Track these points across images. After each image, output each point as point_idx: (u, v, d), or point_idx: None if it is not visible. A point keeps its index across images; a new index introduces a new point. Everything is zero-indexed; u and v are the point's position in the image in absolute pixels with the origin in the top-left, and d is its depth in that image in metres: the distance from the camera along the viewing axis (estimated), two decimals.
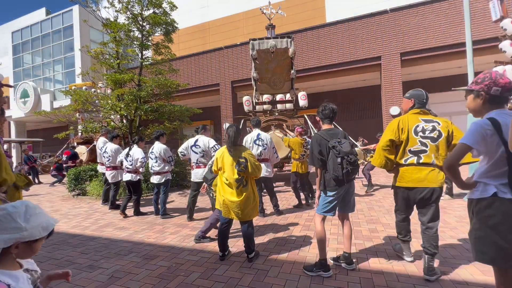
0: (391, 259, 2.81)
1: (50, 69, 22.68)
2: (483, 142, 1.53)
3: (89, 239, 3.98)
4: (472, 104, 1.70)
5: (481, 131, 1.53)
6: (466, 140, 1.57)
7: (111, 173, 5.85)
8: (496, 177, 1.53)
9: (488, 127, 1.52)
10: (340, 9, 15.85)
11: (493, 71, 1.65)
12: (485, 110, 1.65)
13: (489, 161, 1.57)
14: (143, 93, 8.01)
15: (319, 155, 2.58)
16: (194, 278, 2.60)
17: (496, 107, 1.62)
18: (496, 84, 1.58)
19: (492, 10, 6.43)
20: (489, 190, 1.53)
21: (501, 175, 1.52)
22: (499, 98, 1.61)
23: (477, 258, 1.59)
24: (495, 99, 1.61)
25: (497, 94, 1.59)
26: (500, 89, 1.58)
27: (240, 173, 2.84)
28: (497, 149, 1.51)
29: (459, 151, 1.60)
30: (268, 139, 4.78)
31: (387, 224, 3.99)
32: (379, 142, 2.65)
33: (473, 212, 1.64)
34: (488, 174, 1.57)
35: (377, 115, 14.04)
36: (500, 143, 1.50)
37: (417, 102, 2.55)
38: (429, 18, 11.19)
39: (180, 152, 4.71)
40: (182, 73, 13.94)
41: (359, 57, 12.21)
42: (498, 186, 1.51)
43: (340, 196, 2.60)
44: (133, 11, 8.35)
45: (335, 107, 2.73)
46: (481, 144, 1.54)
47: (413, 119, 2.48)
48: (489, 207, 1.52)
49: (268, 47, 7.60)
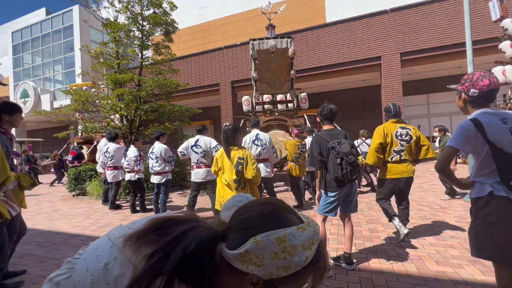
0: (391, 259, 2.82)
1: (50, 69, 22.70)
2: (468, 143, 1.58)
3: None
4: (458, 103, 1.77)
5: (465, 133, 1.58)
6: (451, 143, 1.63)
7: (112, 173, 5.86)
8: (489, 175, 1.57)
9: (471, 128, 1.57)
10: (340, 9, 15.86)
11: (477, 71, 1.68)
12: (470, 110, 1.70)
13: (477, 161, 1.62)
14: (143, 93, 8.01)
15: (319, 156, 2.58)
16: None
17: (479, 107, 1.65)
18: (474, 86, 1.63)
19: (492, 10, 6.44)
20: (485, 189, 1.57)
21: (493, 173, 1.56)
22: (478, 100, 1.64)
23: (476, 254, 1.61)
24: (476, 101, 1.65)
25: (474, 96, 1.64)
26: (477, 91, 1.62)
27: (238, 173, 2.83)
28: (482, 148, 1.56)
29: (447, 154, 1.66)
30: (267, 139, 4.76)
31: (387, 224, 3.99)
32: (371, 145, 3.20)
33: (471, 210, 1.68)
34: (480, 173, 1.62)
35: (377, 115, 14.05)
36: (485, 142, 1.54)
37: (387, 115, 3.28)
38: (429, 18, 11.19)
39: (180, 152, 4.70)
40: (182, 73, 13.94)
41: (359, 57, 12.21)
42: (493, 184, 1.55)
43: (342, 196, 2.60)
44: (133, 11, 8.36)
45: (334, 107, 2.72)
46: (466, 145, 1.59)
47: (392, 126, 3.17)
48: (487, 206, 1.56)
49: (268, 47, 7.60)
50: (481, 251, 1.58)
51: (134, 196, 5.56)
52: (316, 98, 12.49)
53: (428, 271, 2.53)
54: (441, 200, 5.24)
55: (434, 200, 5.34)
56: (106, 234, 0.62)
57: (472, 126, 1.57)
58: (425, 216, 4.28)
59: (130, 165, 5.26)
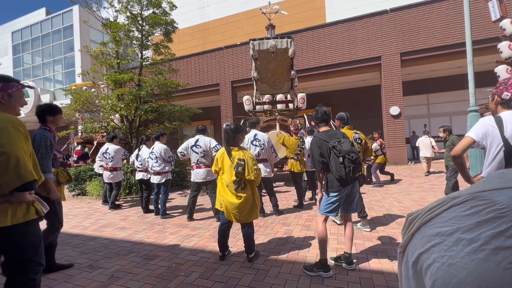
0: (391, 259, 2.81)
1: (50, 69, 22.69)
2: (486, 137, 1.71)
3: (89, 239, 3.98)
4: (491, 105, 1.89)
5: (485, 126, 1.71)
6: (470, 134, 1.77)
7: (111, 174, 5.86)
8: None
9: (491, 123, 1.70)
10: (340, 9, 15.86)
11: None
12: (499, 111, 1.80)
13: (490, 157, 1.73)
14: (143, 93, 8.01)
15: (320, 157, 2.58)
16: (194, 278, 2.60)
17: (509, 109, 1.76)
18: (508, 89, 1.75)
19: (492, 10, 6.44)
20: None
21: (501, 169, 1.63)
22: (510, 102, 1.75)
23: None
24: (507, 103, 1.77)
25: (506, 98, 1.75)
26: (510, 94, 1.74)
27: (238, 174, 2.83)
28: (497, 144, 1.67)
29: (464, 143, 1.79)
30: (266, 139, 4.75)
31: (387, 224, 3.99)
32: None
33: None
34: (490, 169, 1.72)
35: (377, 115, 14.04)
36: (500, 138, 1.66)
37: (342, 122, 3.63)
38: (429, 18, 11.19)
39: (180, 152, 4.70)
40: (182, 73, 13.94)
41: (359, 57, 12.21)
42: None
43: (343, 196, 2.60)
44: (133, 11, 8.35)
45: (327, 109, 2.80)
46: (484, 138, 1.71)
47: (349, 132, 3.53)
48: None
49: (268, 47, 7.59)
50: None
51: (147, 194, 5.51)
52: (316, 98, 12.50)
53: None
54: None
55: (434, 200, 5.33)
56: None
57: (493, 122, 1.71)
58: None
59: (143, 165, 5.35)
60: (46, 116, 2.65)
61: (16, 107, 1.86)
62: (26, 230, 1.72)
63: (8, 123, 1.65)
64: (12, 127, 1.65)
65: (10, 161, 1.57)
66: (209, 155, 4.48)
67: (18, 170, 1.59)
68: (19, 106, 1.88)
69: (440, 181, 7.30)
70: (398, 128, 11.68)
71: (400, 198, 5.65)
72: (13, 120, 1.69)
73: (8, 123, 1.65)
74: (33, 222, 1.77)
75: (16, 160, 1.59)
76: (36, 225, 1.80)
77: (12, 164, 1.58)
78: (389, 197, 5.75)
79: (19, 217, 1.67)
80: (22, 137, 1.70)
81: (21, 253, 1.71)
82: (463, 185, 5.93)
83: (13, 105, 1.83)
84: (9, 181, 1.58)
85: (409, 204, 5.07)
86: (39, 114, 2.65)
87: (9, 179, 1.58)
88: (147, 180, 5.41)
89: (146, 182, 5.44)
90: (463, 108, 10.29)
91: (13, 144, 1.60)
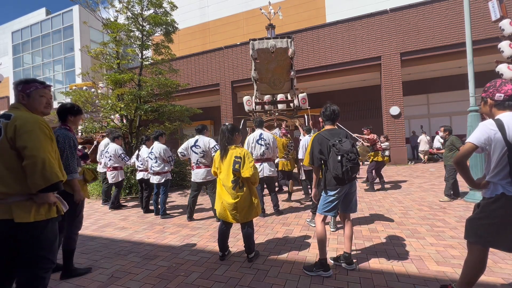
0: (391, 259, 2.82)
1: (50, 69, 22.70)
2: (488, 141, 1.69)
3: (89, 239, 3.98)
4: (483, 109, 1.89)
5: (486, 131, 1.69)
6: (471, 139, 1.74)
7: (112, 174, 5.85)
8: (502, 177, 1.69)
9: (492, 127, 1.68)
10: (340, 9, 15.86)
11: (498, 79, 1.83)
12: (496, 114, 1.80)
13: (493, 161, 1.72)
14: (143, 93, 8.01)
15: (319, 154, 2.59)
16: (194, 278, 2.60)
17: (506, 110, 1.76)
18: (499, 91, 1.75)
19: (492, 10, 6.44)
20: (498, 189, 1.69)
21: (506, 174, 1.67)
22: (504, 103, 1.76)
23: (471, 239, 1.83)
24: (502, 104, 1.76)
25: (500, 99, 1.75)
26: (503, 95, 1.74)
27: (235, 172, 2.82)
28: (501, 148, 1.66)
29: (466, 149, 1.77)
30: (271, 139, 4.80)
31: (387, 224, 3.99)
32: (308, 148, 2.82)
33: (479, 205, 1.82)
34: (494, 174, 1.72)
35: (377, 115, 14.04)
36: (503, 143, 1.64)
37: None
38: (429, 18, 11.19)
39: (180, 153, 4.70)
40: (182, 73, 13.94)
41: (359, 57, 12.21)
42: (505, 185, 1.67)
43: (341, 196, 2.60)
44: (133, 11, 8.35)
45: (337, 108, 2.76)
46: (486, 142, 1.70)
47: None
48: (496, 202, 1.70)
49: (268, 47, 7.59)
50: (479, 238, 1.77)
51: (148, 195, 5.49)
52: (316, 98, 12.49)
53: (428, 271, 2.53)
54: (440, 201, 5.24)
55: (434, 200, 5.34)
56: None
57: (493, 126, 1.69)
58: (425, 216, 4.28)
59: (144, 165, 5.37)
60: (68, 115, 2.65)
61: (38, 107, 1.89)
62: (45, 227, 1.76)
63: (35, 125, 1.71)
64: (39, 129, 1.71)
65: (37, 163, 1.64)
66: (208, 155, 4.49)
67: (44, 172, 1.65)
68: (42, 106, 1.91)
69: (440, 181, 7.30)
70: (398, 128, 11.68)
71: (400, 198, 5.65)
72: (40, 122, 1.75)
73: (35, 126, 1.70)
74: (52, 220, 1.81)
75: (43, 163, 1.65)
76: (55, 223, 1.84)
77: (39, 166, 1.64)
78: (389, 197, 5.75)
79: (41, 215, 1.73)
80: (48, 139, 1.76)
81: (37, 249, 1.72)
82: (463, 185, 5.93)
83: (34, 105, 1.87)
84: (36, 182, 1.64)
85: (409, 204, 5.07)
86: (61, 112, 2.64)
87: (36, 181, 1.64)
88: (147, 180, 5.40)
89: (147, 182, 5.44)
90: (463, 108, 10.28)
91: (40, 147, 1.67)
